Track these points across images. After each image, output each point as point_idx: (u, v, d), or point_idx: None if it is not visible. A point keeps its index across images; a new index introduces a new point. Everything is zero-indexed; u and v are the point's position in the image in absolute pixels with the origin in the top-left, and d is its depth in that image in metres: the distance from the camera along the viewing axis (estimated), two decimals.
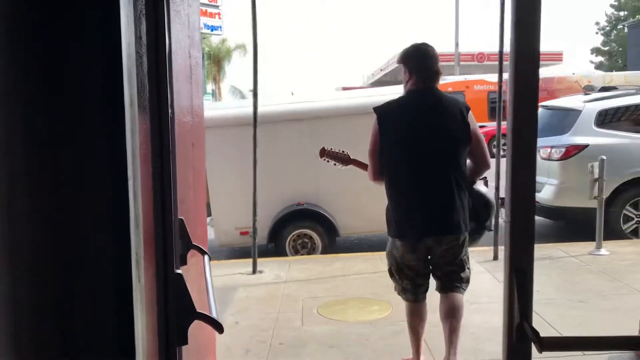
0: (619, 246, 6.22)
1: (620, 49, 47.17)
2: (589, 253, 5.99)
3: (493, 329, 4.08)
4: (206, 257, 2.27)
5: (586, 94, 7.57)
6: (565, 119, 7.13)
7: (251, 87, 6.23)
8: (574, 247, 6.30)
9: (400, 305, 4.56)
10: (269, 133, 6.59)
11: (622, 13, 49.03)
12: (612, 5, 50.27)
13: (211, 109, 7.08)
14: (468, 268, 3.32)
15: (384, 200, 6.54)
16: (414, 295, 3.35)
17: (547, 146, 6.98)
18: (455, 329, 3.26)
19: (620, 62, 47.17)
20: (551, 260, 5.83)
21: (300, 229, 6.65)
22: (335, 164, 3.90)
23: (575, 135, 6.84)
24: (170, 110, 2.05)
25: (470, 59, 30.36)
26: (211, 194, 6.67)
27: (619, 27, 48.63)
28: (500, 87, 5.84)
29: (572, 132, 6.87)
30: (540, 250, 6.24)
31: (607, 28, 50.03)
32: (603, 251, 5.97)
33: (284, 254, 6.59)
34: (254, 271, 5.83)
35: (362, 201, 6.66)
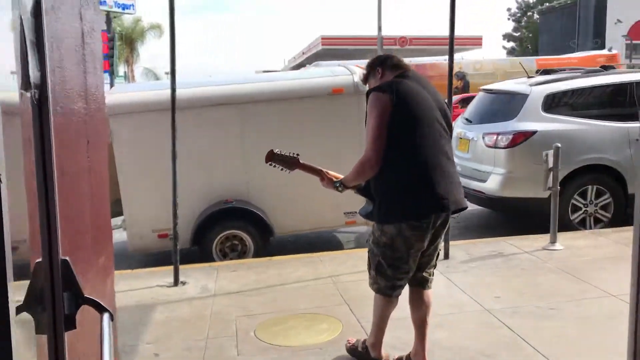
0: (571, 239, 5.86)
1: (531, 35, 48.87)
2: (543, 248, 5.59)
3: (464, 350, 3.50)
4: (106, 316, 1.49)
5: (530, 77, 7.19)
6: (511, 103, 6.71)
7: (167, 69, 5.38)
8: (525, 241, 5.89)
9: (351, 323, 3.90)
10: (191, 120, 5.75)
11: (532, 0, 50.73)
12: None
13: (121, 92, 6.12)
14: None
15: (324, 194, 5.89)
16: (400, 289, 3.17)
17: (492, 133, 6.53)
18: (427, 321, 3.24)
19: (530, 47, 48.85)
20: (504, 258, 5.36)
21: (229, 230, 5.85)
22: (282, 169, 3.27)
23: (522, 121, 6.41)
24: (34, 91, 1.28)
25: (392, 43, 30.26)
26: (123, 191, 5.75)
27: (528, 13, 50.35)
28: (451, 69, 5.29)
29: (519, 117, 6.44)
30: (489, 246, 5.79)
31: (518, 14, 51.70)
32: (558, 246, 5.58)
33: (211, 259, 5.79)
34: (176, 282, 5.00)
35: (299, 196, 5.96)
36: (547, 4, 44.29)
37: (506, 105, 6.82)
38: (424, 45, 30.87)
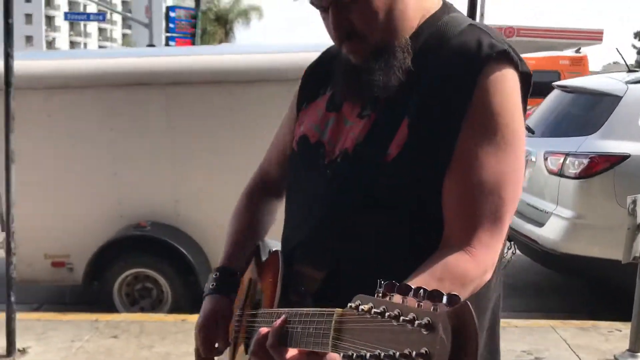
0: None
1: None
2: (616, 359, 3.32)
3: None
4: None
5: (632, 71, 4.78)
6: (594, 109, 4.38)
7: None
8: (587, 334, 3.62)
9: None
10: (89, 104, 4.03)
11: None
12: None
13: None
14: None
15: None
16: None
17: (558, 152, 4.25)
18: None
19: None
20: None
21: (136, 268, 4.07)
22: None
23: (607, 138, 4.09)
24: None
25: None
26: (4, 200, 4.15)
27: None
28: None
29: (604, 131, 4.12)
30: (531, 333, 3.58)
31: None
32: None
33: (111, 305, 4.04)
34: (10, 351, 3.29)
35: None
36: None
37: (587, 111, 4.49)
38: (534, 37, 27.58)
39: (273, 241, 1.31)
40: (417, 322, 0.60)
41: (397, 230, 1.03)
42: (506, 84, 1.00)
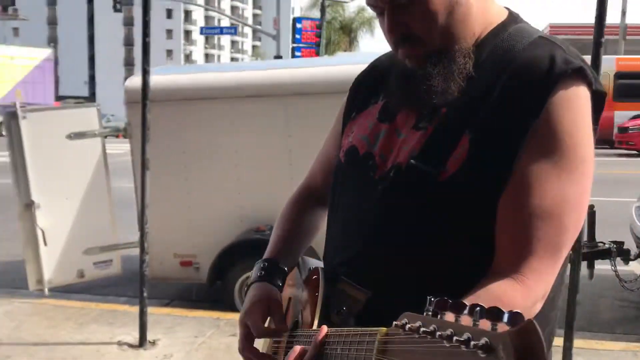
0: None
1: None
2: None
3: None
4: None
5: None
6: None
7: None
8: None
9: None
10: (217, 115, 4.30)
11: None
12: None
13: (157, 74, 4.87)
14: None
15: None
16: None
17: None
18: None
19: None
20: None
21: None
22: None
23: None
24: None
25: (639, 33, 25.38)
26: (139, 203, 4.54)
27: None
28: None
29: None
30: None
31: None
32: None
33: (232, 304, 4.26)
34: (142, 342, 3.59)
35: None
36: None
37: None
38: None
39: (313, 259, 1.26)
40: (472, 342, 0.53)
41: (451, 250, 0.95)
42: (579, 102, 0.94)
